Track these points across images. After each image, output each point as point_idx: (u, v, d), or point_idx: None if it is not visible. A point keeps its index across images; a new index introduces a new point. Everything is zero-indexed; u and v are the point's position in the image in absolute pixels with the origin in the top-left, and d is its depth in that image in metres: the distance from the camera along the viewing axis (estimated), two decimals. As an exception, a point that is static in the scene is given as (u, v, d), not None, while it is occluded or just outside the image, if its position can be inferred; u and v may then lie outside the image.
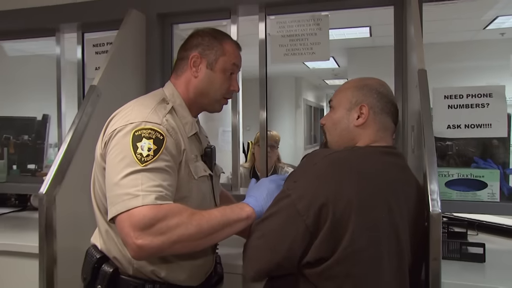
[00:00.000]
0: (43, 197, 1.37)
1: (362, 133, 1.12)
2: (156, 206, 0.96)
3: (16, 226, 2.17)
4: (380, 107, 1.12)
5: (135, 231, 0.94)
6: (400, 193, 1.04)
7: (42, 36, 2.41)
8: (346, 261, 0.94)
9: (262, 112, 2.04)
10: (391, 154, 1.10)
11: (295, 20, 1.99)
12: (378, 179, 1.01)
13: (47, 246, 1.37)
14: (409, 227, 1.03)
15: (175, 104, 1.21)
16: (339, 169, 1.00)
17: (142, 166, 1.00)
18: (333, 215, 0.93)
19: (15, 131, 2.67)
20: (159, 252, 1.00)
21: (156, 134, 1.06)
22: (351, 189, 0.96)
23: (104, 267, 1.15)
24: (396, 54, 1.89)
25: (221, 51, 1.24)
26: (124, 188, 0.99)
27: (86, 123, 1.55)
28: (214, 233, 1.03)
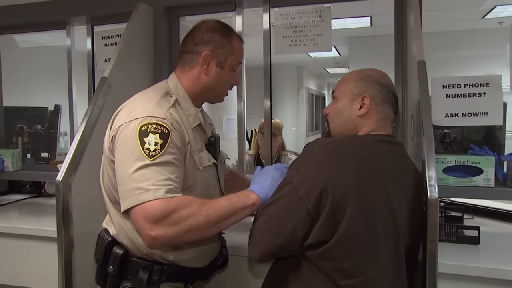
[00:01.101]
0: (59, 184, 1.40)
1: (364, 122, 1.14)
2: (167, 200, 1.00)
3: (33, 211, 2.21)
4: (381, 97, 1.14)
5: (149, 223, 0.99)
6: (398, 180, 1.06)
7: (53, 29, 2.41)
8: (345, 243, 0.97)
9: (267, 101, 2.05)
10: (389, 142, 1.12)
11: (299, 12, 1.98)
12: (375, 165, 1.04)
13: (64, 231, 1.40)
14: (407, 213, 1.06)
15: (178, 96, 1.22)
16: (338, 156, 1.03)
17: (150, 161, 1.03)
18: (332, 199, 0.96)
19: (28, 121, 2.70)
20: (172, 241, 1.05)
21: (162, 128, 1.08)
22: (349, 175, 0.99)
23: (115, 249, 1.19)
24: (396, 44, 1.89)
25: (230, 50, 1.25)
26: (135, 183, 1.02)
27: (98, 114, 1.57)
28: (222, 221, 1.06)
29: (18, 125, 2.64)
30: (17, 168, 2.37)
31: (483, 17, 4.93)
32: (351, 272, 0.99)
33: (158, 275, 1.18)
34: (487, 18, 4.95)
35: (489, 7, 4.52)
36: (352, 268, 0.99)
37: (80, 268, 1.43)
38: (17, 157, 2.38)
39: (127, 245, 1.19)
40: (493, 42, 4.03)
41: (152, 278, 1.17)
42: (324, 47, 1.99)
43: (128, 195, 1.02)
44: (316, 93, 10.57)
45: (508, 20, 4.88)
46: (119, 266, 1.17)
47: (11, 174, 2.36)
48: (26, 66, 4.28)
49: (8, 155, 2.33)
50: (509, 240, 1.68)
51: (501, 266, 1.35)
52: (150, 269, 1.17)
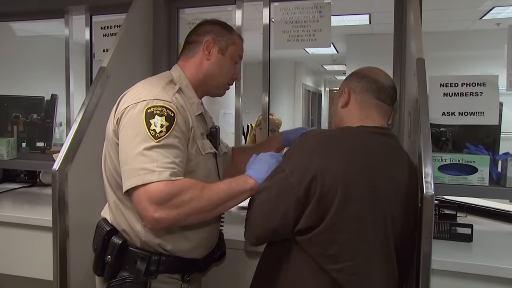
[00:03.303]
0: (56, 173, 1.39)
1: (347, 112, 1.20)
2: (170, 182, 1.01)
3: (28, 201, 2.20)
4: (360, 86, 1.18)
5: (152, 205, 0.99)
6: (389, 172, 1.08)
7: (51, 17, 2.39)
8: (332, 230, 1.01)
9: (265, 96, 2.05)
10: (382, 134, 1.13)
11: (299, 7, 1.98)
12: (366, 156, 1.06)
13: (60, 220, 1.39)
14: (399, 205, 1.08)
15: (182, 85, 1.24)
16: (327, 146, 1.06)
17: (156, 142, 1.04)
18: (321, 188, 1.00)
19: (24, 110, 2.67)
20: (175, 223, 1.07)
21: (168, 111, 1.09)
22: (338, 165, 1.02)
23: (113, 239, 1.18)
24: (395, 41, 1.89)
25: (231, 40, 1.30)
26: (140, 163, 1.02)
27: (96, 104, 1.56)
28: (222, 204, 1.09)
29: (13, 114, 2.61)
30: (12, 157, 2.35)
31: (481, 18, 4.95)
32: (337, 257, 1.02)
33: (156, 265, 1.18)
34: (485, 19, 4.97)
35: (487, 8, 4.54)
36: (338, 254, 1.02)
37: (75, 258, 1.43)
38: (12, 146, 2.36)
39: (125, 234, 1.19)
40: (491, 43, 4.04)
41: (150, 269, 1.17)
42: (324, 43, 1.99)
43: (132, 175, 1.03)
44: (313, 90, 10.57)
45: (506, 21, 4.90)
46: (117, 255, 1.17)
47: (6, 162, 2.34)
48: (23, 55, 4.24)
49: (3, 144, 2.30)
50: (502, 238, 1.70)
51: (494, 263, 1.37)
52: (148, 260, 1.17)
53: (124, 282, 1.16)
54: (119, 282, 1.16)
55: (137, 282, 1.16)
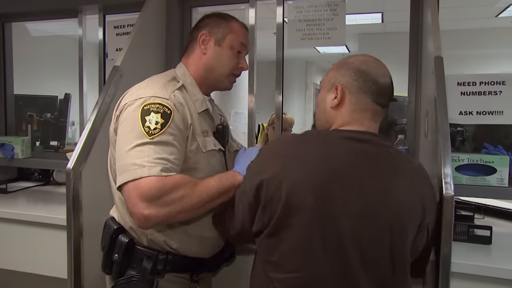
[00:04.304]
0: (70, 172, 1.40)
1: (336, 115, 1.05)
2: (161, 178, 0.99)
3: (42, 199, 2.22)
4: (357, 86, 1.03)
5: (142, 201, 0.98)
6: (358, 184, 0.93)
7: (65, 17, 2.40)
8: (274, 236, 0.98)
9: (278, 95, 2.03)
10: (359, 141, 0.99)
11: (312, 5, 1.96)
12: (323, 165, 0.95)
13: (74, 218, 1.40)
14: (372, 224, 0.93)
15: (185, 82, 1.23)
16: (282, 151, 1.02)
17: (149, 139, 1.03)
18: (265, 194, 0.97)
19: (38, 109, 2.71)
20: (164, 221, 1.05)
21: (164, 108, 1.08)
22: (286, 172, 0.96)
23: (120, 237, 1.19)
24: (411, 40, 1.85)
25: (228, 29, 1.26)
26: (131, 159, 1.02)
27: (109, 103, 1.56)
28: (212, 200, 1.08)
29: (28, 113, 2.65)
30: (26, 155, 2.38)
31: (497, 16, 4.86)
32: (279, 266, 0.98)
33: (163, 264, 1.18)
34: (501, 17, 4.88)
35: (504, 5, 4.45)
36: (280, 262, 0.98)
37: (89, 256, 1.43)
38: (27, 144, 2.39)
39: (132, 232, 1.19)
40: (507, 41, 3.97)
41: (157, 268, 1.17)
42: (338, 41, 1.96)
43: (123, 170, 1.02)
44: (323, 89, 10.50)
45: (522, 19, 4.81)
46: (124, 254, 1.17)
47: (21, 161, 2.36)
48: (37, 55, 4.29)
49: (18, 143, 2.33)
50: (521, 241, 1.66)
51: (515, 266, 1.33)
52: (155, 259, 1.17)
53: (130, 281, 1.16)
54: (126, 280, 1.17)
55: (143, 280, 1.16)
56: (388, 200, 0.94)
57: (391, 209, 0.94)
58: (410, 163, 1.04)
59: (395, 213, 0.94)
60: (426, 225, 0.99)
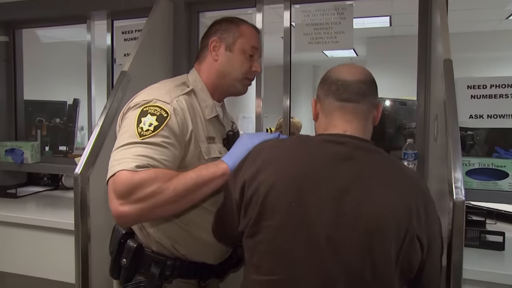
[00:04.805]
0: (78, 177, 1.40)
1: (318, 125, 1.10)
2: (132, 172, 0.97)
3: (50, 204, 2.24)
4: (323, 92, 1.06)
5: (117, 198, 0.97)
6: (326, 187, 0.92)
7: (74, 23, 2.44)
8: (253, 238, 0.98)
9: (286, 99, 2.03)
10: (335, 143, 0.98)
11: (320, 9, 1.95)
12: (299, 169, 0.95)
13: (82, 223, 1.40)
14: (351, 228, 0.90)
15: (196, 88, 1.23)
16: (262, 155, 1.02)
17: (139, 139, 1.03)
18: (246, 195, 0.98)
19: (47, 114, 2.74)
20: (140, 218, 1.04)
21: (161, 111, 1.08)
22: (264, 175, 0.97)
23: (129, 242, 1.19)
24: (420, 43, 1.84)
25: (238, 33, 1.26)
26: (116, 156, 1.02)
27: (117, 108, 1.57)
28: (191, 194, 1.04)
29: (37, 118, 2.68)
30: (36, 160, 2.40)
31: (507, 18, 4.81)
32: (259, 267, 0.97)
33: (171, 270, 1.18)
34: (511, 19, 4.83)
35: (514, 7, 4.41)
36: (259, 264, 0.97)
37: (97, 261, 1.43)
38: (36, 149, 2.41)
39: (141, 236, 1.19)
40: (518, 44, 3.92)
41: (165, 273, 1.17)
42: (346, 45, 1.96)
43: (108, 168, 1.02)
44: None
45: (533, 21, 4.76)
46: (132, 259, 1.17)
47: (30, 166, 2.39)
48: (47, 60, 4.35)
49: (27, 148, 2.36)
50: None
51: (528, 274, 1.31)
52: (163, 264, 1.17)
53: (138, 286, 1.16)
54: (134, 285, 1.17)
55: (151, 286, 1.16)
56: (363, 206, 0.90)
57: (366, 215, 0.90)
58: (397, 170, 0.99)
59: (371, 219, 0.89)
60: (415, 236, 0.90)
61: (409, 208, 0.90)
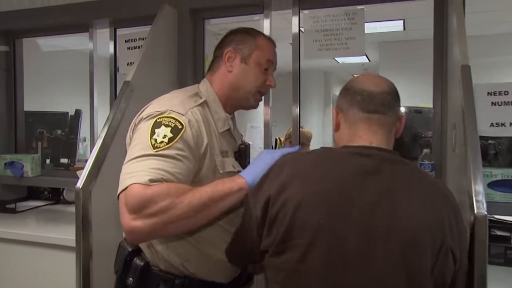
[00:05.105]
0: (79, 191, 1.42)
1: (339, 136, 1.10)
2: (145, 186, 0.97)
3: (51, 219, 2.26)
4: (347, 102, 1.07)
5: (129, 212, 0.97)
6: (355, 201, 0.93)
7: (76, 32, 2.48)
8: (279, 257, 0.96)
9: (295, 108, 2.03)
10: (360, 155, 0.99)
11: (329, 15, 1.97)
12: (327, 183, 0.95)
13: (83, 239, 1.41)
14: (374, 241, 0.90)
15: (209, 99, 1.24)
16: (287, 169, 1.01)
17: (153, 151, 1.03)
18: (271, 212, 0.97)
19: (48, 126, 2.77)
20: (153, 233, 1.02)
21: (176, 123, 1.08)
22: (289, 192, 0.96)
23: (135, 260, 1.18)
24: (436, 47, 1.84)
25: (254, 45, 1.27)
26: (128, 169, 1.02)
27: (120, 119, 1.59)
28: (206, 209, 1.03)
29: (38, 130, 2.72)
30: (36, 173, 2.43)
31: (528, 20, 4.78)
32: (284, 285, 0.96)
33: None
34: (532, 21, 4.80)
35: (535, 9, 4.38)
36: (284, 282, 0.96)
37: (99, 279, 1.44)
38: (37, 162, 2.44)
39: (148, 254, 1.19)
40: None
41: None
42: (357, 51, 1.96)
43: (120, 181, 1.02)
44: (343, 101, 10.45)
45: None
46: (139, 278, 1.16)
47: (30, 180, 2.42)
48: (47, 70, 4.41)
49: (27, 161, 2.39)
50: None
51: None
52: (171, 283, 1.16)
53: None
54: None
55: None
56: (394, 219, 0.91)
57: (399, 228, 0.91)
58: (425, 181, 1.00)
59: (405, 232, 0.90)
60: (450, 248, 0.91)
61: (441, 219, 0.92)
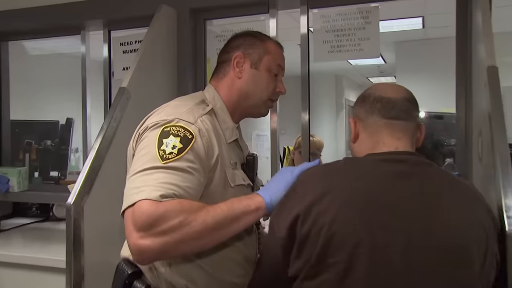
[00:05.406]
0: (70, 207, 1.42)
1: (359, 146, 1.14)
2: (156, 203, 0.97)
3: (39, 238, 2.26)
4: (365, 111, 1.11)
5: (136, 230, 0.96)
6: (395, 210, 0.95)
7: (67, 34, 2.52)
8: (314, 279, 0.96)
9: (304, 114, 2.04)
10: (391, 162, 1.02)
11: (341, 13, 1.98)
12: (359, 194, 0.97)
13: (74, 260, 1.41)
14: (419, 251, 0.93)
15: (215, 107, 1.25)
16: (313, 184, 1.01)
17: (162, 163, 1.03)
18: (301, 231, 0.96)
19: (37, 136, 2.79)
20: (163, 254, 1.01)
21: (185, 132, 1.09)
22: (322, 206, 0.96)
23: (136, 283, 1.18)
24: (458, 47, 1.84)
25: (264, 50, 1.29)
26: (135, 183, 1.02)
27: (115, 128, 1.60)
28: (221, 228, 1.03)
29: (26, 140, 2.73)
30: (23, 188, 2.44)
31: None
32: None
33: None
34: None
35: None
36: None
37: (92, 304, 1.44)
38: (24, 176, 2.45)
39: (148, 277, 1.19)
40: None
41: None
42: (371, 53, 1.98)
43: (126, 196, 1.02)
44: (357, 106, 10.45)
45: None
46: None
47: (16, 195, 2.43)
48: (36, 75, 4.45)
49: (13, 174, 2.40)
50: None
51: None
52: None
53: None
54: None
55: None
56: (437, 225, 0.94)
57: (444, 235, 0.94)
58: (458, 183, 1.04)
59: (451, 238, 0.94)
60: (492, 250, 0.96)
61: (482, 223, 0.96)
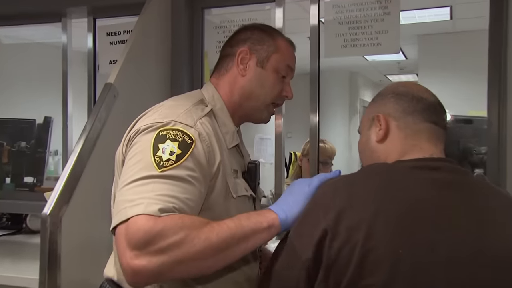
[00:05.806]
0: (46, 219, 1.42)
1: (386, 148, 1.12)
2: (154, 218, 0.95)
3: (10, 253, 2.26)
4: (401, 109, 1.11)
5: (130, 249, 0.94)
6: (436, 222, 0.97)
7: (46, 21, 2.53)
8: None
9: (313, 116, 2.05)
10: (428, 169, 1.04)
11: (356, 3, 1.99)
12: (395, 205, 0.97)
13: (49, 280, 1.41)
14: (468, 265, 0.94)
15: (215, 107, 1.25)
16: (340, 195, 1.00)
17: (158, 172, 1.02)
18: (329, 250, 0.95)
19: (9, 137, 2.78)
20: (159, 275, 0.98)
21: (184, 137, 1.08)
22: (351, 220, 0.95)
23: None
24: (491, 41, 1.85)
25: (273, 47, 1.28)
26: (129, 195, 1.00)
27: (100, 129, 1.61)
28: (226, 248, 1.01)
29: (-4, 141, 2.73)
30: (-8, 196, 2.44)
31: None
32: None
33: None
34: None
35: None
36: None
37: (69, 329, 1.44)
38: (-6, 182, 2.45)
39: None
40: None
41: None
42: (390, 48, 1.98)
43: (118, 209, 1.00)
44: (374, 107, 10.46)
45: None
46: None
47: (-15, 204, 2.43)
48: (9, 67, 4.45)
49: (-18, 180, 2.40)
50: None
51: None
52: None
53: None
54: None
55: None
56: (484, 238, 0.96)
57: (491, 248, 0.95)
58: (498, 190, 1.07)
59: (500, 251, 0.96)
60: None
61: None
